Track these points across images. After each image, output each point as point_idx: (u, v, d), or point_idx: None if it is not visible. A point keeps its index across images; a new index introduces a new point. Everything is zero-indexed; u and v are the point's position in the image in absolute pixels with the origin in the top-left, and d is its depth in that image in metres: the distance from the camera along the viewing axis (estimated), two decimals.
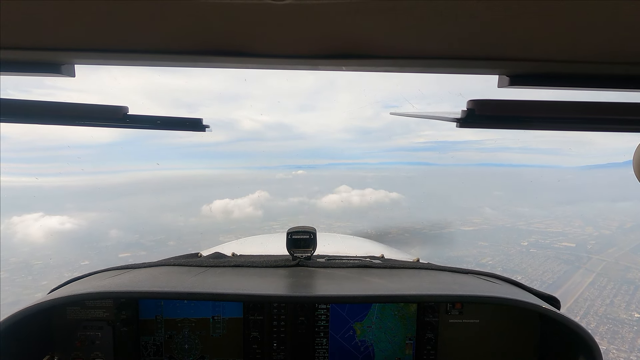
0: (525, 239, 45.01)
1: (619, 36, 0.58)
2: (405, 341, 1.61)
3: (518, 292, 1.46)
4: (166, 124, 0.89)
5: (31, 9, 0.56)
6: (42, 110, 0.79)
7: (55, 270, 27.61)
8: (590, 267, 31.64)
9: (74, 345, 1.52)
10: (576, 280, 27.85)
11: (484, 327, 1.58)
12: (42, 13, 0.57)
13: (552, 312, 1.28)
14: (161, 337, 1.59)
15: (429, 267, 1.74)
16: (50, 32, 0.63)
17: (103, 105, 0.82)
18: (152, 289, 1.31)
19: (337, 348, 1.62)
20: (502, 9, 0.53)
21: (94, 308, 1.54)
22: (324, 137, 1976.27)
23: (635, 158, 0.88)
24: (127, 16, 0.58)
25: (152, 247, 36.66)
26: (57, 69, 0.72)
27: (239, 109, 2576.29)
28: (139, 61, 0.71)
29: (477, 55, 0.66)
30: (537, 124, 0.76)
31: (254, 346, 1.58)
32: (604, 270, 30.73)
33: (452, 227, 49.45)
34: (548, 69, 0.69)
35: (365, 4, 0.53)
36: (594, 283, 26.84)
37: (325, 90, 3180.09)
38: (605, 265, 32.58)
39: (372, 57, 0.67)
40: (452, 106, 0.82)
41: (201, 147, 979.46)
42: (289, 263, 1.70)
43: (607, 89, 0.73)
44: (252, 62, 0.70)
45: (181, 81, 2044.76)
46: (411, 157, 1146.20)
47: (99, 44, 0.66)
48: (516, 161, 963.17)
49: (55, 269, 28.22)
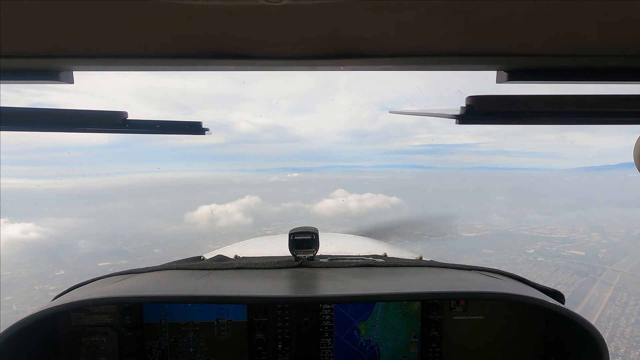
0: (531, 246, 44.05)
1: (617, 29, 0.60)
2: (410, 339, 1.65)
3: (522, 287, 1.48)
4: (166, 128, 0.91)
5: (29, 17, 0.57)
6: (42, 118, 0.82)
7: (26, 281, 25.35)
8: (606, 279, 30.31)
9: (79, 352, 1.56)
10: (594, 295, 26.39)
11: (488, 323, 1.62)
12: (39, 21, 0.58)
13: (557, 307, 1.30)
14: (166, 341, 1.63)
15: (432, 264, 1.76)
16: (48, 40, 0.64)
17: (102, 111, 0.84)
18: (156, 293, 1.33)
19: (342, 348, 1.66)
20: (499, 4, 0.54)
21: (98, 314, 1.58)
22: (320, 139, 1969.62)
23: (636, 150, 0.89)
24: (124, 22, 0.59)
25: (135, 255, 34.44)
26: (56, 76, 0.75)
27: (236, 111, 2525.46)
28: (137, 66, 0.73)
29: (475, 51, 0.68)
30: (536, 118, 0.78)
31: (259, 348, 1.62)
32: (621, 283, 29.35)
33: (453, 232, 48.05)
34: (546, 64, 0.71)
35: (361, 3, 0.53)
36: (614, 298, 25.45)
37: (322, 92, 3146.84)
38: (621, 276, 31.21)
39: (369, 56, 0.69)
40: (452, 104, 0.83)
41: (197, 150, 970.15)
42: (291, 264, 1.72)
43: (605, 82, 0.75)
44: (250, 64, 0.72)
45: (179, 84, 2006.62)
46: (407, 160, 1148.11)
47: (97, 50, 0.68)
48: (512, 164, 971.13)
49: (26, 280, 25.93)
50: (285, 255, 1.84)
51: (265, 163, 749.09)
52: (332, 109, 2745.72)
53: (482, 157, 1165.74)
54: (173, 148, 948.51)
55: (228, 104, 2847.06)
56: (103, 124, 0.84)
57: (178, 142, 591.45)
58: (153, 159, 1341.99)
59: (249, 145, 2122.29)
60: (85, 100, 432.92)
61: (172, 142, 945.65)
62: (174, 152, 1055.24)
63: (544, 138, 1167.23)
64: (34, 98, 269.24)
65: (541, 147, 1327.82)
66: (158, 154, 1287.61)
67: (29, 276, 26.90)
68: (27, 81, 0.75)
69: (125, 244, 41.18)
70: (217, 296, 1.30)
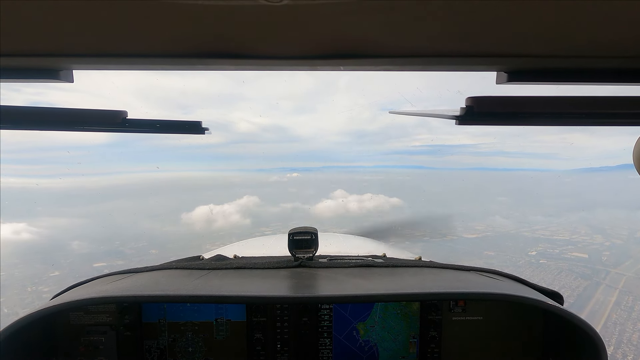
0: (533, 248, 44.02)
1: (615, 31, 0.60)
2: (409, 340, 1.66)
3: (521, 288, 1.49)
4: (165, 128, 0.91)
5: (30, 16, 0.58)
6: (42, 116, 0.82)
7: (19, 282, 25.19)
8: (611, 283, 30.14)
9: (78, 351, 1.56)
10: (599, 299, 26.26)
11: (487, 324, 1.63)
12: (40, 20, 0.59)
13: (555, 308, 1.31)
14: (165, 341, 1.63)
15: (431, 265, 1.77)
16: (48, 39, 0.65)
17: (102, 110, 0.85)
18: (154, 293, 1.33)
19: (341, 348, 1.67)
20: (499, 5, 0.54)
21: (97, 313, 1.58)
22: (320, 139, 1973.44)
23: (636, 152, 0.89)
24: (125, 21, 0.59)
25: (132, 256, 34.32)
26: (56, 74, 0.76)
27: (236, 111, 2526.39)
28: (137, 65, 0.74)
29: (475, 52, 0.68)
30: (536, 119, 0.78)
31: (258, 348, 1.62)
32: (626, 287, 29.25)
33: (454, 234, 48.02)
34: (546, 65, 0.72)
35: (361, 4, 0.53)
36: (620, 302, 25.31)
37: (323, 92, 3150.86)
38: (626, 280, 31.12)
39: (369, 56, 0.70)
40: (452, 105, 0.84)
41: (196, 149, 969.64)
42: (291, 264, 1.73)
43: (604, 83, 0.76)
44: (250, 64, 0.73)
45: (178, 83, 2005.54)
46: (407, 160, 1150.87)
47: (98, 49, 0.69)
48: (512, 165, 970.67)
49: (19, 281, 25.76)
50: (284, 255, 1.85)
51: (265, 163, 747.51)
52: (332, 109, 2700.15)
53: (482, 157, 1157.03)
54: (173, 147, 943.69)
55: (228, 103, 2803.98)
56: (103, 123, 0.85)
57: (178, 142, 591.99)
58: (153, 158, 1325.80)
59: (249, 145, 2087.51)
60: (84, 99, 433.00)
61: (171, 142, 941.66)
62: (174, 152, 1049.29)
63: (544, 139, 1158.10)
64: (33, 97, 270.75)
65: (541, 148, 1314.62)
66: (158, 154, 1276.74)
67: (22, 277, 26.73)
68: (28, 80, 0.76)
69: (122, 244, 41.09)
70: (216, 296, 1.30)
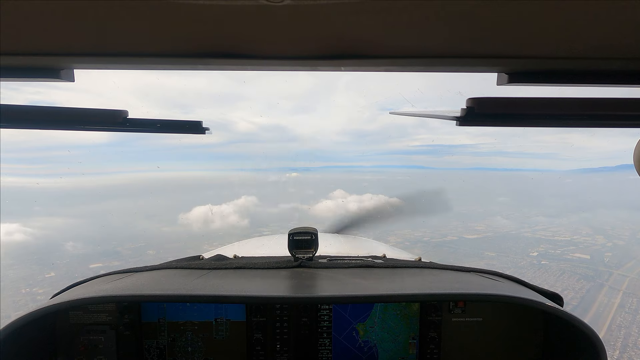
0: (534, 249, 44.04)
1: (617, 32, 0.61)
2: (409, 340, 1.67)
3: (521, 289, 1.49)
4: (166, 127, 0.92)
5: (31, 15, 0.58)
6: (43, 115, 0.83)
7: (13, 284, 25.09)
8: (614, 285, 30.10)
9: (77, 350, 1.57)
10: (603, 301, 26.22)
11: (487, 325, 1.64)
12: (41, 19, 0.59)
13: (555, 310, 1.31)
14: (164, 341, 1.64)
15: (431, 266, 1.78)
16: (49, 38, 0.65)
17: (103, 110, 0.85)
18: (154, 292, 1.34)
19: (340, 349, 1.67)
20: (500, 6, 0.55)
21: (97, 312, 1.59)
22: (320, 139, 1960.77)
23: (636, 153, 0.89)
24: (126, 21, 0.60)
25: (129, 257, 34.22)
26: (57, 74, 0.76)
27: (236, 111, 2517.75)
28: (137, 65, 0.74)
29: (476, 53, 0.69)
30: (537, 120, 0.79)
31: (257, 348, 1.63)
32: (630, 289, 29.22)
33: (454, 234, 47.96)
34: (546, 66, 0.73)
35: (362, 4, 0.54)
36: (624, 305, 25.26)
37: (323, 92, 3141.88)
38: (629, 281, 31.09)
39: (370, 57, 0.71)
40: (453, 106, 0.85)
41: (196, 149, 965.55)
42: (290, 264, 1.74)
43: (605, 85, 0.76)
44: (251, 64, 0.74)
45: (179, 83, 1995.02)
46: (406, 160, 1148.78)
47: (99, 48, 0.70)
48: (512, 165, 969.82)
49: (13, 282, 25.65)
50: (284, 255, 1.86)
51: (265, 163, 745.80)
52: (332, 109, 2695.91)
53: (482, 158, 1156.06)
54: (173, 147, 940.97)
55: (228, 103, 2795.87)
56: (104, 122, 0.85)
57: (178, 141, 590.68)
58: (153, 157, 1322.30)
59: (249, 144, 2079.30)
60: (84, 99, 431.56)
61: (172, 141, 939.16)
62: (174, 151, 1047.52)
63: (544, 139, 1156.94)
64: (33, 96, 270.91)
65: (541, 148, 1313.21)
66: (158, 153, 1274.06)
67: (17, 278, 26.56)
68: (29, 79, 0.76)
69: (119, 244, 40.98)
70: (215, 296, 1.31)
